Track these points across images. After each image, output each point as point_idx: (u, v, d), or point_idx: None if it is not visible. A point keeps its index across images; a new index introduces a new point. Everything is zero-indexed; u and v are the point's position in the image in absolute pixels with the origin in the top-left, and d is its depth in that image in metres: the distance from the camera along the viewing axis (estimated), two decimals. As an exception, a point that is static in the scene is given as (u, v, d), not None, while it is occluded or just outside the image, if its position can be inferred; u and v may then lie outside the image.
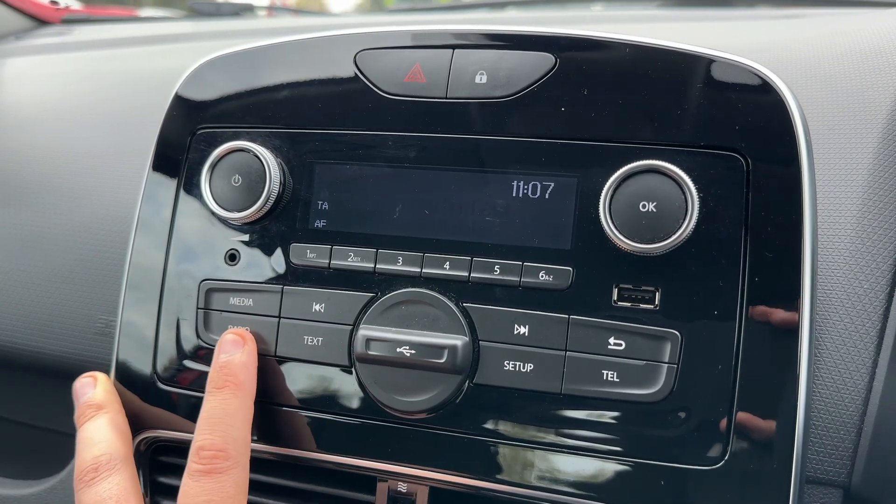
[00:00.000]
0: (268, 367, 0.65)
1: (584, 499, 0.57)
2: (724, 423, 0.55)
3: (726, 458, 0.55)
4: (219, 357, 0.62)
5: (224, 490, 0.56)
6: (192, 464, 0.57)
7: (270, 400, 0.65)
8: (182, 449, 0.67)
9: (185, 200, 0.69)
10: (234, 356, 0.62)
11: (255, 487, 0.66)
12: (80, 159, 1.01)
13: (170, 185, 0.70)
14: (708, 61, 0.58)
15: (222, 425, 0.58)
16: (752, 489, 0.54)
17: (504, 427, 0.59)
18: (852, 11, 1.13)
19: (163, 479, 0.68)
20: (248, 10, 1.83)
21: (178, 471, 0.67)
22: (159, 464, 0.70)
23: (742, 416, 0.55)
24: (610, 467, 0.57)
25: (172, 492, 0.67)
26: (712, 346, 0.56)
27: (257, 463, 0.66)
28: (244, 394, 0.61)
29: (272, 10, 2.06)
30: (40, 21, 1.76)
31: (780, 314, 0.55)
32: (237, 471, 0.57)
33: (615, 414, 0.57)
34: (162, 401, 0.68)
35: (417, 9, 1.77)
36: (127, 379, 0.69)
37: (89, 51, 1.40)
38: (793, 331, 0.55)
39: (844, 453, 0.62)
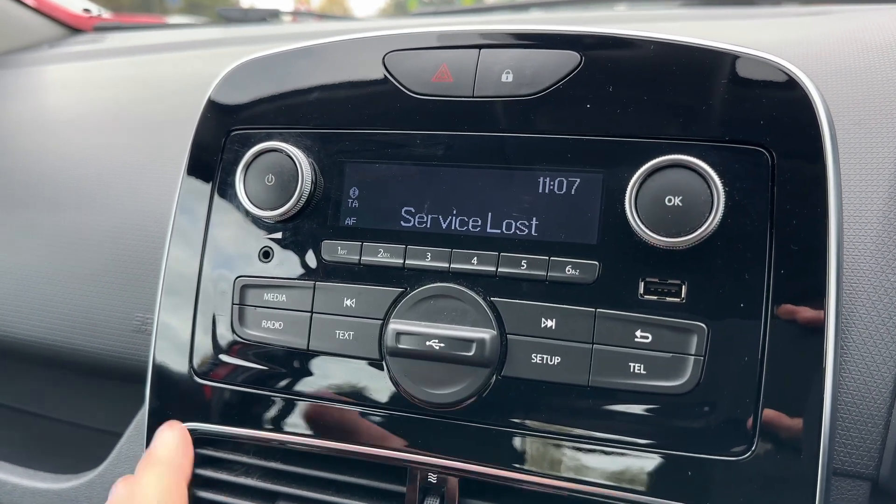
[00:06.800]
0: (300, 361, 0.67)
1: (611, 489, 0.58)
2: (750, 415, 0.56)
3: (753, 449, 0.55)
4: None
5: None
6: None
7: (303, 393, 0.66)
8: (219, 441, 0.70)
9: (220, 200, 0.71)
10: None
11: (290, 478, 0.68)
12: (117, 162, 1.04)
13: (205, 184, 0.72)
14: (732, 57, 0.59)
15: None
16: (779, 481, 0.55)
17: (532, 419, 0.60)
18: (877, 7, 1.12)
19: (200, 471, 0.70)
20: (274, 15, 1.86)
21: (216, 463, 0.69)
22: (198, 456, 0.71)
23: (768, 408, 0.55)
24: (636, 458, 0.58)
25: (211, 483, 0.69)
26: (738, 339, 0.57)
27: (292, 454, 0.68)
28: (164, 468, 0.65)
29: (297, 15, 2.09)
30: (73, 29, 1.80)
31: (805, 307, 0.55)
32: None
33: (642, 406, 0.58)
34: (198, 395, 0.70)
35: (441, 12, 1.79)
36: (164, 375, 0.71)
37: (121, 57, 1.44)
38: (819, 323, 0.55)
39: (872, 446, 0.62)
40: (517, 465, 0.60)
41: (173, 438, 0.67)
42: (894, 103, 0.72)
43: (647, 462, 0.58)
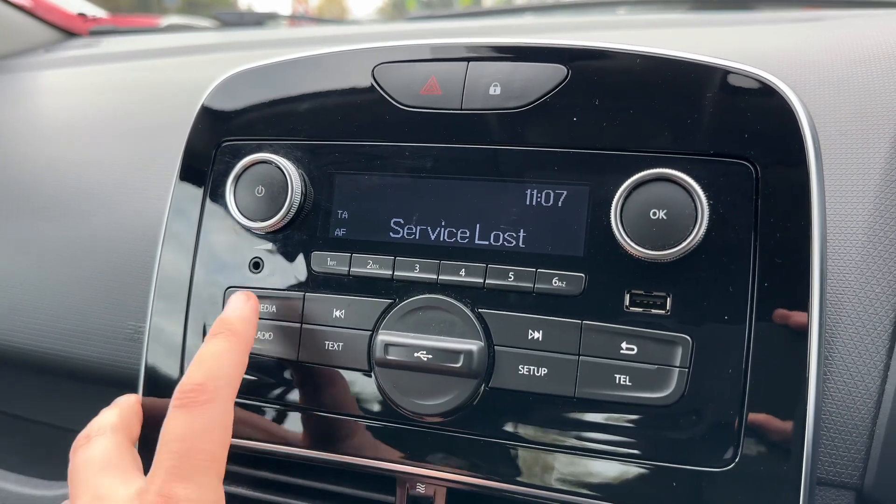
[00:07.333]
0: (290, 372, 0.67)
1: (597, 500, 0.58)
2: (735, 425, 0.56)
3: (737, 459, 0.56)
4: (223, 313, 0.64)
5: (195, 423, 0.54)
6: (172, 401, 0.56)
7: (292, 403, 0.67)
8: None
9: (211, 210, 0.72)
10: (235, 311, 0.63)
11: (276, 488, 0.68)
12: (109, 169, 1.05)
13: (196, 195, 0.73)
14: (715, 70, 0.60)
15: (206, 364, 0.58)
16: (764, 490, 0.55)
17: (519, 430, 0.61)
18: (876, 13, 1.12)
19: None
20: (271, 18, 1.87)
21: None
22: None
23: (753, 418, 0.56)
24: (622, 469, 0.58)
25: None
26: (723, 350, 0.57)
27: (279, 464, 0.68)
28: (237, 339, 0.61)
29: (295, 19, 2.09)
30: (69, 33, 1.80)
31: (789, 318, 0.56)
32: (214, 405, 0.56)
33: (628, 417, 0.59)
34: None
35: (437, 16, 1.79)
36: (155, 383, 0.72)
37: (117, 62, 1.44)
38: (802, 334, 0.55)
39: (857, 455, 0.62)
40: (504, 476, 0.61)
41: (247, 309, 0.65)
42: (880, 113, 0.73)
43: (632, 473, 0.58)
